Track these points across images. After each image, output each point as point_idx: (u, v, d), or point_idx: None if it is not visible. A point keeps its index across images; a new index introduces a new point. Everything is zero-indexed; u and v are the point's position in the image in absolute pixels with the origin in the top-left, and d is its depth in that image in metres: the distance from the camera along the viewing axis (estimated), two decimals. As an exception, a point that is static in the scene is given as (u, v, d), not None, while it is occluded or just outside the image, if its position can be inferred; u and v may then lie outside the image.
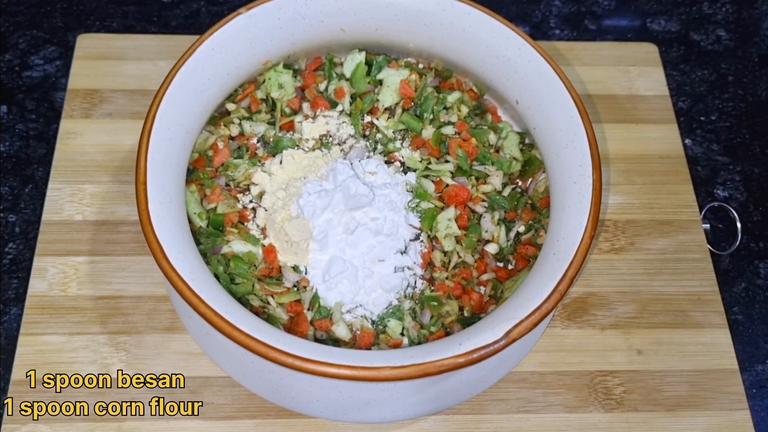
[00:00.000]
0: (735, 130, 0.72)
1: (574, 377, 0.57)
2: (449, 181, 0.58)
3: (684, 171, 0.67)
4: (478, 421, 0.55)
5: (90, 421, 0.54)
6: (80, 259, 0.60)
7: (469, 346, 0.44)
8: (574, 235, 0.48)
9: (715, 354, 0.59)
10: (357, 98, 0.61)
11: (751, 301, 0.63)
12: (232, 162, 0.58)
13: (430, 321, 0.53)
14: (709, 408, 0.56)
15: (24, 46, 0.73)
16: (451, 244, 0.56)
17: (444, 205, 0.57)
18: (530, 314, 0.45)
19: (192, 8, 0.76)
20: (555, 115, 0.53)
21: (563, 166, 0.52)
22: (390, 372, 0.43)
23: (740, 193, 0.68)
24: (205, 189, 0.56)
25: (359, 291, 0.54)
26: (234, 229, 0.55)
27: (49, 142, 0.67)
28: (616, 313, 0.60)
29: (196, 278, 0.45)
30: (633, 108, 0.69)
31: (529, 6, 0.79)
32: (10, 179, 0.66)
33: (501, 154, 0.59)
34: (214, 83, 0.54)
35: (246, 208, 0.57)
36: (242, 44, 0.55)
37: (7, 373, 0.56)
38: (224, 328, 0.43)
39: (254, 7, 0.55)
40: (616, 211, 0.64)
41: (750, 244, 0.66)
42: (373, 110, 0.61)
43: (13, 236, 0.63)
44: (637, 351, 0.58)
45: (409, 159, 0.59)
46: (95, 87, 0.68)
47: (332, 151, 0.59)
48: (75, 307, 0.58)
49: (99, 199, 0.62)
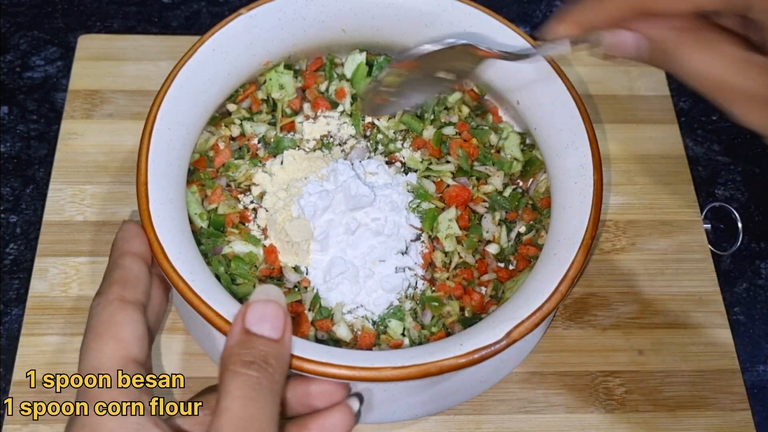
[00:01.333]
0: (736, 130, 0.72)
1: (575, 378, 0.57)
2: (450, 182, 0.58)
3: (685, 171, 0.67)
4: (479, 421, 0.55)
5: (91, 422, 0.54)
6: (81, 260, 0.60)
7: (470, 346, 0.44)
8: (575, 236, 0.48)
9: (716, 354, 0.59)
10: (358, 99, 0.61)
11: (752, 302, 0.63)
12: (233, 162, 0.58)
13: (431, 321, 0.53)
14: (710, 408, 0.56)
15: (25, 46, 0.73)
16: (452, 244, 0.56)
17: (445, 206, 0.57)
18: (531, 315, 0.45)
19: (193, 9, 0.76)
20: (556, 116, 0.53)
21: (564, 167, 0.52)
22: (391, 372, 0.43)
23: (741, 194, 0.68)
24: (206, 189, 0.56)
25: (360, 291, 0.54)
26: (235, 229, 0.55)
27: (50, 143, 0.67)
28: (617, 313, 0.60)
29: (196, 279, 0.45)
30: (634, 108, 0.69)
31: (530, 6, 0.79)
32: (11, 180, 0.66)
33: (502, 154, 0.59)
34: (215, 84, 0.54)
35: (247, 209, 0.57)
36: (243, 45, 0.55)
37: (8, 374, 0.56)
38: (225, 328, 0.43)
39: (255, 7, 0.55)
40: (617, 211, 0.64)
41: (751, 245, 0.66)
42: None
43: (14, 237, 0.63)
44: (638, 351, 0.58)
45: (410, 159, 0.59)
46: (96, 87, 0.68)
47: (333, 152, 0.60)
48: (76, 308, 0.58)
49: (100, 200, 0.63)
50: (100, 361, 0.40)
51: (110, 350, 0.40)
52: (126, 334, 0.41)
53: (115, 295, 0.42)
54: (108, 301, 0.42)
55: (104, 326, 0.41)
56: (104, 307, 0.42)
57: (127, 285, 0.43)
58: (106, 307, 0.42)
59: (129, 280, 0.43)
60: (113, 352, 0.40)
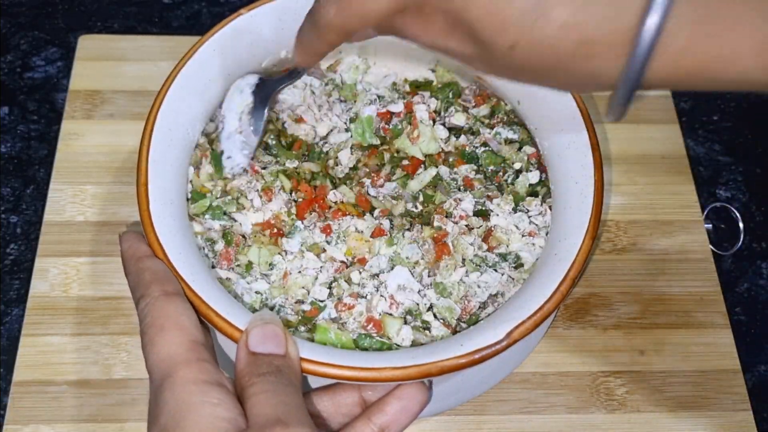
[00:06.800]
0: (737, 130, 0.72)
1: (576, 378, 0.57)
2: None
3: (686, 171, 0.67)
4: (479, 422, 0.55)
5: (91, 422, 0.54)
6: (82, 260, 0.60)
7: (470, 346, 0.44)
8: (575, 236, 0.48)
9: (717, 354, 0.58)
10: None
11: (753, 302, 0.63)
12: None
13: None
14: (711, 409, 0.56)
15: (25, 47, 0.73)
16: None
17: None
18: (532, 315, 0.45)
19: (193, 9, 0.76)
20: (557, 116, 0.53)
21: (565, 167, 0.52)
22: (391, 373, 0.43)
23: (742, 194, 0.68)
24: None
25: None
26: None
27: (51, 143, 0.67)
28: (618, 313, 0.60)
29: (197, 279, 0.45)
30: (635, 108, 0.69)
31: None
32: (12, 180, 0.66)
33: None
34: (216, 84, 0.54)
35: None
36: (243, 45, 0.55)
37: (9, 374, 0.56)
38: (225, 328, 0.43)
39: (255, 7, 0.55)
40: (618, 211, 0.64)
41: (752, 245, 0.66)
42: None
43: (15, 237, 0.63)
44: (640, 351, 0.58)
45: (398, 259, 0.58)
46: (96, 88, 0.68)
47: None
48: (76, 308, 0.58)
49: (100, 200, 0.63)
50: (170, 350, 0.41)
51: (177, 339, 0.41)
52: (185, 322, 0.42)
53: (159, 291, 0.43)
54: (154, 299, 0.43)
55: (162, 320, 0.42)
56: (153, 304, 0.43)
57: (162, 280, 0.44)
58: (154, 304, 0.43)
59: (161, 276, 0.44)
60: (182, 339, 0.41)
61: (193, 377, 0.40)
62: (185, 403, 0.39)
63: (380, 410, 0.44)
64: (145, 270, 0.45)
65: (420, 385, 0.45)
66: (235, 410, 0.39)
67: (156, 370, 0.41)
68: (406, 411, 0.44)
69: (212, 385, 0.40)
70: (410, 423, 0.45)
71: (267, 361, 0.41)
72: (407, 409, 0.44)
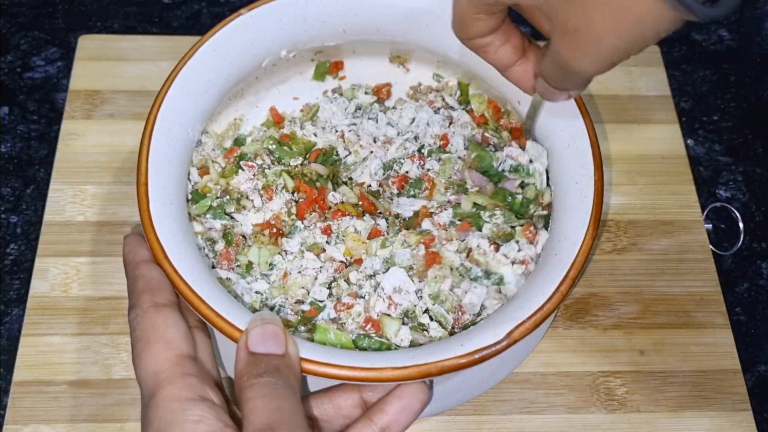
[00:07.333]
0: (737, 130, 0.72)
1: (576, 378, 0.57)
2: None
3: (686, 171, 0.67)
4: (480, 422, 0.55)
5: (92, 422, 0.54)
6: (82, 260, 0.60)
7: (470, 346, 0.44)
8: (576, 236, 0.48)
9: (717, 355, 0.58)
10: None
11: (753, 302, 0.63)
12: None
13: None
14: (711, 409, 0.56)
15: (25, 47, 0.73)
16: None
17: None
18: (532, 315, 0.45)
19: (193, 9, 0.76)
20: (557, 116, 0.53)
21: (565, 167, 0.52)
22: (391, 373, 0.43)
23: (742, 194, 0.68)
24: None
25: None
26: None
27: (51, 143, 0.67)
28: (618, 313, 0.60)
29: (197, 279, 0.45)
30: (635, 108, 0.69)
31: (531, 6, 0.79)
32: (12, 180, 0.66)
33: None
34: (216, 84, 0.54)
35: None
36: (243, 45, 0.55)
37: (9, 374, 0.56)
38: (225, 328, 0.43)
39: (255, 7, 0.55)
40: (618, 211, 0.64)
41: (752, 245, 0.66)
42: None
43: (15, 237, 0.63)
44: (640, 351, 0.58)
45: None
46: (96, 88, 0.68)
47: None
48: (76, 308, 0.58)
49: (100, 200, 0.63)
50: (157, 365, 0.42)
51: (163, 353, 0.42)
52: (172, 335, 0.43)
53: (148, 303, 0.44)
54: (144, 310, 0.44)
55: (149, 333, 0.43)
56: (142, 316, 0.43)
57: (154, 290, 0.45)
58: (143, 316, 0.43)
59: (154, 286, 0.45)
60: (167, 354, 0.42)
61: (175, 395, 0.40)
62: (167, 422, 0.39)
63: (381, 410, 0.44)
64: (139, 278, 0.45)
65: (421, 384, 0.45)
66: (217, 424, 0.39)
67: (144, 386, 0.42)
68: (407, 410, 0.44)
69: (194, 402, 0.40)
70: (412, 422, 0.45)
71: (266, 362, 0.41)
72: (408, 409, 0.44)
